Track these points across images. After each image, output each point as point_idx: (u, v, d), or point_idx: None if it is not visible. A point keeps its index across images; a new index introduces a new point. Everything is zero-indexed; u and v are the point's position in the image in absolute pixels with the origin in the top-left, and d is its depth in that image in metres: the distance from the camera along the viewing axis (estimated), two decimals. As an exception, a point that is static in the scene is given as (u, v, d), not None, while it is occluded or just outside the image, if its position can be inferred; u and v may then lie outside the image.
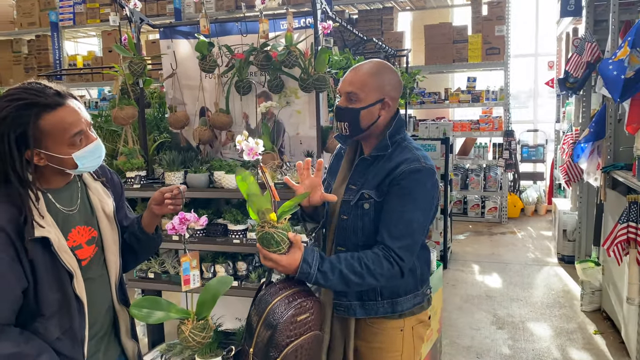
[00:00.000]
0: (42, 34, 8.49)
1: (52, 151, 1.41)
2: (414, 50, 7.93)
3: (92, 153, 1.47)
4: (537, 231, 7.00)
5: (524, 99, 9.47)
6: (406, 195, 1.68)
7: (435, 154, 5.38)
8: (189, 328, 1.59)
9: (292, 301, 1.55)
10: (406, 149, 1.77)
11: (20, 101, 1.36)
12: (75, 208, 1.54)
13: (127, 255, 1.75)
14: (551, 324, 4.10)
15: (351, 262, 1.63)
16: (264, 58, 2.89)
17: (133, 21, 3.07)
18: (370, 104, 1.75)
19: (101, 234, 1.61)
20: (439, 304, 3.45)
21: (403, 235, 1.67)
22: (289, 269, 1.55)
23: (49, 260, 1.42)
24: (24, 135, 1.36)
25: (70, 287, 1.46)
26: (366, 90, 1.74)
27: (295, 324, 1.54)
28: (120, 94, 3.05)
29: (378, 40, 5.15)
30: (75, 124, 1.42)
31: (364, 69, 1.76)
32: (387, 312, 1.82)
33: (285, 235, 1.53)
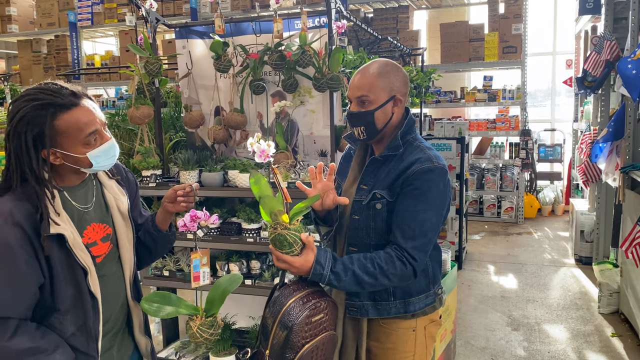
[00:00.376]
0: (61, 34, 8.61)
1: (68, 150, 1.44)
2: (429, 49, 7.89)
3: (106, 152, 1.50)
4: (554, 232, 6.92)
5: (542, 97, 9.36)
6: (419, 195, 1.68)
7: (451, 154, 5.34)
8: (198, 324, 1.61)
9: (306, 302, 1.56)
10: (418, 149, 1.77)
11: (36, 101, 1.39)
12: (91, 206, 1.57)
13: (141, 252, 1.77)
14: (567, 326, 4.05)
15: (364, 263, 1.64)
16: (278, 58, 2.90)
17: (149, 21, 3.10)
18: (382, 104, 1.75)
19: (116, 232, 1.63)
20: (453, 304, 3.43)
21: (416, 235, 1.67)
22: (302, 270, 1.56)
23: (64, 256, 1.45)
24: (40, 135, 1.39)
25: (85, 283, 1.49)
26: (376, 91, 1.74)
27: (311, 324, 1.54)
28: (137, 94, 3.08)
29: (393, 39, 5.13)
30: (90, 123, 1.45)
31: (370, 71, 1.76)
32: (400, 312, 1.82)
33: (297, 236, 1.53)
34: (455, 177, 5.36)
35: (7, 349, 1.37)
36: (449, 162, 5.35)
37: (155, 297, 1.62)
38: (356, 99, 1.76)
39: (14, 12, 8.89)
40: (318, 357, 1.58)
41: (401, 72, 1.80)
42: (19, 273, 1.39)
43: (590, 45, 5.60)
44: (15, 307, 1.40)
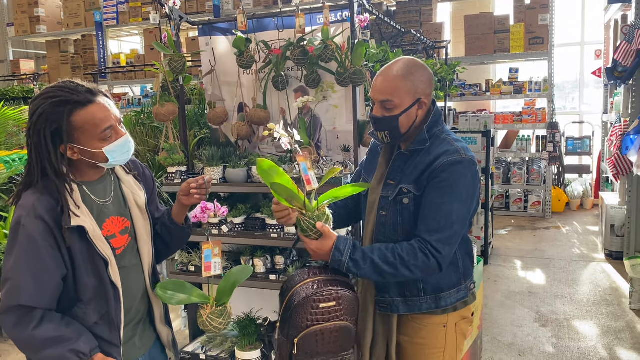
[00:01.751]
0: (88, 34, 8.76)
1: (85, 145, 1.50)
2: (453, 41, 7.78)
3: (121, 147, 1.55)
4: (583, 226, 6.78)
5: (570, 89, 9.16)
6: (445, 187, 1.65)
7: (476, 147, 5.27)
8: (207, 313, 1.65)
9: (319, 287, 1.59)
10: (445, 141, 1.73)
11: (54, 99, 1.46)
12: (109, 200, 1.63)
13: (159, 245, 1.82)
14: (598, 322, 3.97)
15: (384, 252, 1.65)
16: (300, 53, 2.89)
17: (173, 19, 3.13)
18: (407, 108, 1.70)
19: (134, 225, 1.69)
20: (480, 300, 3.39)
21: (441, 228, 1.64)
22: (317, 254, 1.63)
23: (85, 248, 1.51)
24: (58, 131, 1.46)
25: (106, 273, 1.55)
26: (400, 95, 1.69)
27: (317, 309, 1.57)
28: (161, 91, 3.11)
29: (416, 32, 5.08)
30: (106, 119, 1.50)
31: (393, 73, 1.70)
32: (431, 307, 1.79)
33: (312, 224, 1.59)
34: (481, 171, 5.29)
35: (33, 338, 1.43)
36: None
37: (169, 285, 1.67)
38: (379, 103, 1.72)
39: (42, 13, 9.08)
40: (324, 342, 1.60)
41: (426, 71, 1.74)
42: (43, 264, 1.45)
43: (621, 34, 5.45)
44: (40, 298, 1.45)
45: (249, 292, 3.43)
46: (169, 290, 1.66)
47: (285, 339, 1.61)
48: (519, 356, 3.51)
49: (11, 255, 1.46)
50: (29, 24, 9.14)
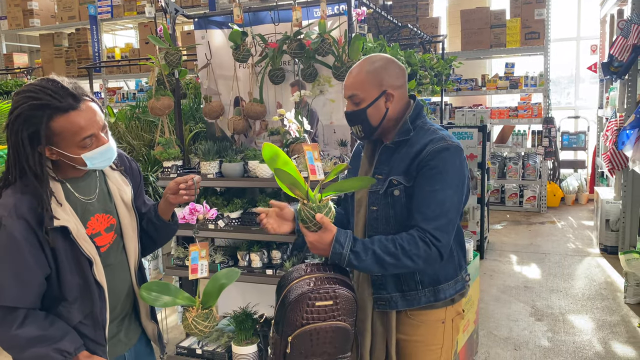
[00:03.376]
0: (82, 28, 8.68)
1: (63, 150, 1.45)
2: (450, 36, 7.76)
3: (101, 155, 1.50)
4: (578, 221, 6.80)
5: (565, 84, 9.17)
6: (436, 174, 1.66)
7: (472, 142, 5.27)
8: (193, 316, 1.63)
9: (316, 285, 1.55)
10: (429, 131, 1.75)
11: (35, 101, 1.40)
12: (94, 197, 1.59)
13: (145, 240, 1.79)
14: (593, 317, 3.99)
15: (385, 243, 1.62)
16: (297, 46, 2.87)
17: (168, 12, 3.10)
18: (373, 101, 1.73)
19: (120, 221, 1.65)
20: (475, 294, 3.39)
21: (437, 216, 1.64)
22: (317, 246, 1.58)
23: (69, 247, 1.49)
24: (36, 134, 1.40)
25: (91, 273, 1.52)
26: (365, 89, 1.72)
27: (313, 307, 1.53)
28: (157, 85, 3.09)
29: (413, 27, 5.06)
30: (86, 128, 1.44)
31: (358, 69, 1.75)
32: (430, 300, 1.79)
33: (311, 214, 1.55)
34: (477, 166, 5.29)
35: (17, 337, 1.42)
36: (470, 151, 5.28)
37: (153, 286, 1.64)
38: (348, 99, 1.76)
39: (36, 6, 9.00)
40: (319, 342, 1.57)
41: (392, 64, 1.76)
42: (26, 264, 1.42)
43: (617, 29, 5.45)
44: (23, 297, 1.44)
45: (245, 286, 3.42)
46: (154, 291, 1.62)
47: (279, 337, 1.58)
48: (515, 350, 3.52)
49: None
50: (22, 17, 9.05)
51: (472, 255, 3.32)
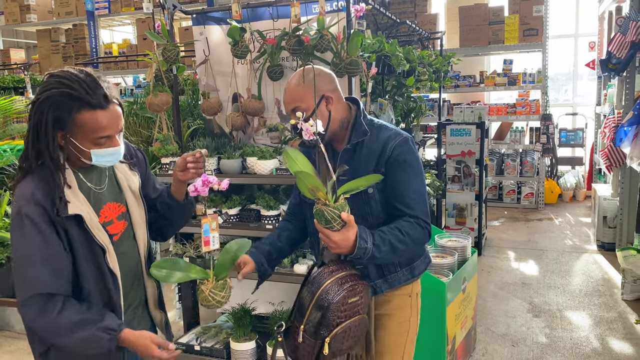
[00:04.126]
0: (79, 23, 8.65)
1: (77, 141, 1.49)
2: (448, 32, 7.76)
3: (109, 155, 1.54)
4: (576, 218, 6.82)
5: (563, 81, 9.17)
6: (406, 167, 1.80)
7: (471, 139, 5.27)
8: (209, 288, 1.62)
9: (344, 283, 1.61)
10: (382, 128, 1.87)
11: (69, 89, 1.44)
12: (104, 186, 1.63)
13: (162, 223, 1.81)
14: (590, 313, 4.00)
15: (394, 232, 1.71)
16: (296, 43, 2.86)
17: (166, 8, 3.09)
18: (315, 108, 1.80)
19: (129, 210, 1.68)
20: (473, 290, 3.40)
21: (419, 203, 1.79)
22: (340, 245, 1.58)
23: (83, 236, 1.52)
24: (59, 119, 1.45)
25: (104, 261, 1.55)
26: (305, 99, 1.79)
27: (346, 305, 1.60)
28: (154, 81, 3.08)
29: (411, 23, 5.05)
30: (107, 128, 1.49)
31: (293, 83, 1.83)
32: (408, 278, 1.93)
33: (337, 214, 1.56)
34: (475, 163, 5.30)
35: (59, 324, 1.45)
36: (468, 148, 5.28)
37: (163, 263, 1.63)
38: (291, 112, 1.82)
39: (33, 2, 8.95)
40: (349, 338, 1.64)
41: (322, 72, 1.85)
42: (53, 250, 1.46)
43: (615, 26, 5.45)
44: (58, 283, 1.46)
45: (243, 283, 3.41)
46: (164, 269, 1.62)
47: (313, 340, 1.60)
48: (513, 346, 3.53)
49: (19, 245, 1.46)
50: (19, 13, 9.00)
51: (470, 251, 3.33)
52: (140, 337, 1.53)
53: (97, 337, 1.46)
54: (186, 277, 1.63)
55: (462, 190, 5.37)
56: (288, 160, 1.59)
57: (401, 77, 4.00)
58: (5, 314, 3.97)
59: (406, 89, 4.49)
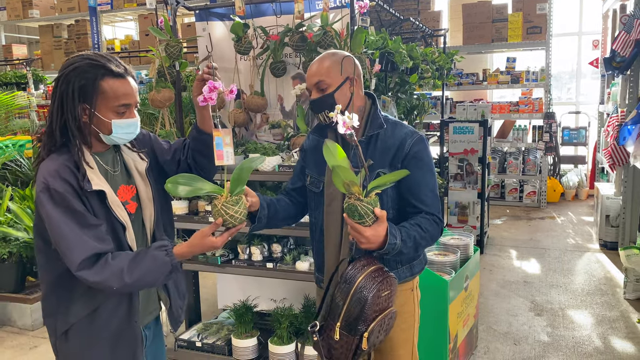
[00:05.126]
0: (81, 19, 8.63)
1: (98, 111, 1.57)
2: (451, 30, 7.74)
3: (128, 126, 1.62)
4: (578, 216, 6.80)
5: (566, 79, 9.14)
6: (422, 165, 1.84)
7: (473, 137, 5.25)
8: (222, 202, 1.58)
9: (376, 277, 1.63)
10: (397, 124, 1.90)
11: (93, 61, 1.56)
12: (118, 169, 1.69)
13: (200, 161, 1.81)
14: (592, 312, 3.99)
15: (416, 229, 1.75)
16: (299, 39, 2.85)
17: (169, 3, 3.08)
18: (339, 85, 1.83)
19: (138, 191, 1.73)
20: (475, 289, 3.39)
21: (434, 200, 1.84)
22: (371, 240, 1.59)
23: (104, 212, 1.58)
24: (84, 88, 1.54)
25: (124, 237, 1.62)
26: (331, 75, 1.82)
27: (380, 298, 1.62)
28: (157, 77, 3.07)
29: (415, 20, 5.03)
30: (127, 96, 1.59)
31: (321, 58, 1.86)
32: (407, 276, 1.94)
33: (370, 209, 1.56)
34: (478, 161, 5.28)
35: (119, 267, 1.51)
36: (471, 146, 5.27)
37: (180, 179, 1.60)
38: (314, 86, 1.84)
39: (35, -3, 8.94)
40: (382, 331, 1.66)
41: (349, 56, 1.88)
42: (88, 217, 1.52)
43: (619, 24, 5.42)
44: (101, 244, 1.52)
45: (245, 279, 3.43)
46: (180, 184, 1.58)
47: (352, 336, 1.60)
48: (514, 345, 3.53)
49: (54, 217, 1.49)
50: (21, 8, 8.99)
51: (472, 250, 3.32)
52: (192, 240, 1.60)
53: (155, 257, 1.54)
54: (198, 190, 1.59)
55: (465, 188, 5.36)
56: (326, 152, 1.58)
57: (404, 74, 3.98)
58: (7, 310, 3.97)
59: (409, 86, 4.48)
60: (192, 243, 1.60)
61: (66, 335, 1.63)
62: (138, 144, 1.78)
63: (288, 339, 2.97)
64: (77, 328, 1.62)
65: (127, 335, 1.67)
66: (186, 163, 1.82)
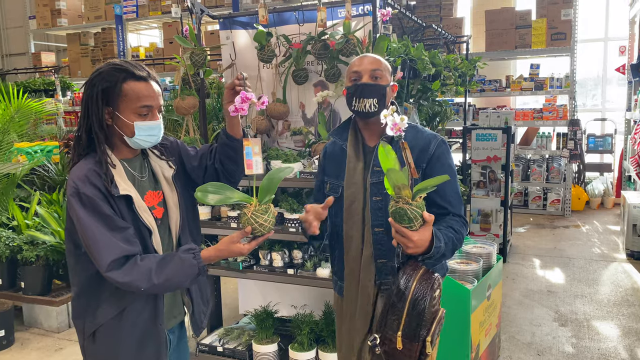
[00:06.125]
0: (107, 27, 8.82)
1: (121, 114, 1.62)
2: (474, 36, 7.69)
3: (150, 128, 1.66)
4: (604, 225, 6.67)
5: (591, 86, 9.00)
6: (447, 167, 1.87)
7: (496, 144, 5.20)
8: (252, 210, 1.59)
9: (426, 280, 1.61)
10: (417, 128, 1.95)
11: (117, 65, 1.64)
12: (146, 175, 1.73)
13: (228, 166, 1.83)
14: (619, 323, 3.91)
15: (451, 230, 1.76)
16: (321, 47, 2.87)
17: (194, 12, 3.13)
18: (388, 84, 1.90)
19: (165, 197, 1.77)
20: (498, 298, 3.35)
21: (459, 202, 1.87)
22: (418, 245, 1.56)
23: (130, 217, 1.62)
24: (108, 90, 1.60)
25: (150, 242, 1.65)
26: (385, 71, 1.89)
27: (434, 300, 1.61)
28: (182, 85, 3.12)
29: (437, 27, 5.02)
30: (148, 98, 1.64)
31: (373, 56, 1.91)
32: None
33: (419, 213, 1.55)
34: (501, 168, 5.23)
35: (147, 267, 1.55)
36: (494, 153, 5.22)
37: (209, 187, 1.63)
38: (370, 72, 1.86)
39: (64, 6, 9.17)
40: (437, 333, 1.63)
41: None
42: (116, 221, 1.57)
43: (646, 30, 5.33)
44: (129, 246, 1.56)
45: (266, 285, 3.44)
46: (209, 192, 1.61)
47: (415, 343, 1.58)
48: (538, 355, 3.47)
49: (83, 220, 1.54)
50: (50, 17, 9.23)
51: (495, 258, 3.29)
52: (220, 245, 1.63)
53: (183, 260, 1.58)
54: (227, 199, 1.61)
55: (487, 195, 5.30)
56: (380, 155, 1.57)
57: (427, 81, 3.97)
58: (34, 311, 4.06)
59: (431, 93, 4.46)
60: (220, 248, 1.62)
61: (94, 336, 1.68)
62: (166, 151, 1.82)
63: (308, 346, 2.97)
64: (104, 329, 1.66)
65: (152, 337, 1.71)
66: (213, 168, 1.84)
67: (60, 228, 3.98)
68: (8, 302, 3.86)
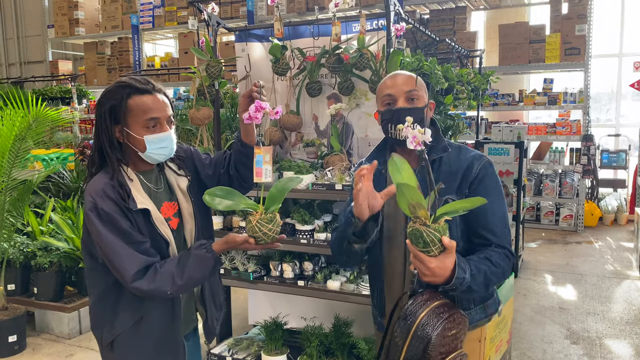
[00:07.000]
0: (124, 36, 8.96)
1: (130, 129, 1.64)
2: (487, 50, 7.71)
3: (160, 140, 1.67)
4: (617, 242, 6.60)
5: (605, 101, 8.95)
6: (491, 190, 1.68)
7: (509, 159, 5.19)
8: (257, 218, 1.59)
9: (441, 313, 1.44)
10: (461, 148, 1.77)
11: (122, 83, 1.67)
12: (162, 187, 1.76)
13: (243, 172, 1.84)
14: (632, 342, 3.85)
15: (487, 263, 1.57)
16: (335, 61, 2.90)
17: (210, 24, 3.18)
18: (426, 104, 1.74)
19: (180, 208, 1.79)
20: (509, 314, 3.32)
21: (504, 231, 1.67)
22: (436, 273, 1.39)
23: (148, 229, 1.65)
24: (115, 108, 1.63)
25: (168, 253, 1.68)
26: (422, 90, 1.73)
27: (447, 338, 1.43)
28: (197, 95, 3.16)
29: (450, 41, 5.04)
30: (153, 110, 1.65)
31: (405, 73, 1.75)
32: (481, 318, 1.77)
33: (437, 237, 1.37)
34: (513, 183, 5.21)
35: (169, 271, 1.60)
36: (506, 167, 5.20)
37: (217, 191, 1.63)
38: (405, 94, 1.70)
39: (82, 15, 9.33)
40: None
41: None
42: (134, 235, 1.59)
43: (662, 46, 5.30)
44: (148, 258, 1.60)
45: (276, 296, 3.45)
46: (217, 197, 1.62)
47: None
48: (549, 373, 3.44)
49: (102, 235, 1.57)
50: (68, 26, 9.40)
51: (507, 274, 3.26)
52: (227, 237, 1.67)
53: (198, 256, 1.62)
54: (235, 205, 1.62)
55: (499, 210, 5.27)
56: (391, 168, 1.43)
57: (439, 95, 3.99)
58: (46, 317, 4.09)
59: (444, 106, 4.47)
60: (227, 240, 1.67)
61: (112, 346, 1.70)
62: (182, 161, 1.84)
63: (317, 358, 2.97)
64: (122, 339, 1.69)
65: (170, 344, 1.74)
66: (227, 174, 1.85)
67: (74, 235, 4.03)
68: (21, 308, 3.90)
